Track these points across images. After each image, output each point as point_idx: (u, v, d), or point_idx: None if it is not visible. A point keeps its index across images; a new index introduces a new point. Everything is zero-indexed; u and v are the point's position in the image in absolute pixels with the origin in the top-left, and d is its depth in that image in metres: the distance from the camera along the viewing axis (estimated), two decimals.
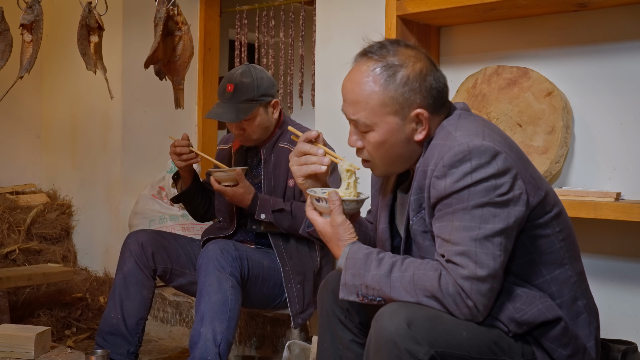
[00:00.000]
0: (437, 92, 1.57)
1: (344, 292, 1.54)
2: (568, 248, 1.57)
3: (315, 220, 1.64)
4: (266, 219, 2.46)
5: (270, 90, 2.57)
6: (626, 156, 2.17)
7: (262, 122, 2.53)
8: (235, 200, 2.47)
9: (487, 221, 1.42)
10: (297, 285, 2.50)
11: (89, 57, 2.35)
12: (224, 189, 2.44)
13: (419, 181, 1.55)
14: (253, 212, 2.48)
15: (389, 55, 1.56)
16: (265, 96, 2.53)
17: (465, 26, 2.51)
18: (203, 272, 2.30)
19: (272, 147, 2.59)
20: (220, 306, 2.25)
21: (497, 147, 1.46)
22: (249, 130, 2.52)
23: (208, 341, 2.21)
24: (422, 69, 1.55)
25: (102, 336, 2.47)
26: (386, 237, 1.73)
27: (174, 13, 2.36)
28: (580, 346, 1.52)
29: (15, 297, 3.31)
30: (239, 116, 2.47)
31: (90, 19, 2.34)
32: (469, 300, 1.41)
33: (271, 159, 2.58)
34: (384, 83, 1.53)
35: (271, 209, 2.46)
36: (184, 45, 2.43)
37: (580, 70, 2.26)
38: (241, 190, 2.44)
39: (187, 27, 2.41)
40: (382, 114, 1.54)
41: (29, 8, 2.29)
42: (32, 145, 4.40)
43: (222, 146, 2.80)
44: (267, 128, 2.57)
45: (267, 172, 2.58)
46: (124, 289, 2.49)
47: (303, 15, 3.77)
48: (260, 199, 2.48)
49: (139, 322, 2.50)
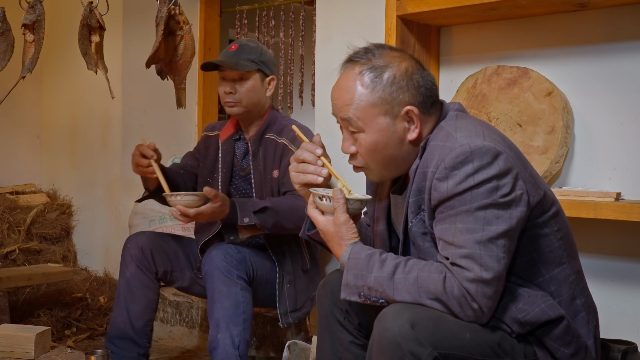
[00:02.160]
0: (426, 90, 1.57)
1: (346, 293, 1.53)
2: (566, 247, 1.57)
3: (317, 219, 1.63)
4: (250, 222, 2.33)
5: (271, 65, 2.55)
6: (626, 156, 2.18)
7: (255, 89, 2.49)
8: (216, 217, 2.32)
9: (490, 223, 1.42)
10: (288, 284, 2.48)
11: (90, 56, 2.35)
12: (200, 212, 2.24)
13: (418, 183, 1.54)
14: (234, 219, 2.33)
15: (374, 58, 1.57)
16: (265, 65, 2.51)
17: (465, 26, 2.51)
18: (210, 279, 2.29)
19: (260, 139, 2.54)
20: (233, 310, 2.26)
21: (498, 147, 1.46)
22: (241, 92, 2.47)
23: (227, 346, 2.23)
24: (407, 67, 1.56)
25: (112, 341, 2.47)
26: (384, 239, 1.73)
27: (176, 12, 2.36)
28: (582, 344, 1.52)
29: (15, 297, 3.31)
30: (237, 66, 2.45)
31: (91, 18, 2.34)
32: (474, 303, 1.41)
33: (259, 151, 2.52)
34: (371, 84, 1.54)
35: (252, 210, 2.33)
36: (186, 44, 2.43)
37: (580, 70, 2.26)
38: (219, 203, 2.26)
39: (188, 26, 2.41)
40: (373, 115, 1.54)
41: (30, 8, 2.29)
42: (32, 145, 4.40)
43: (208, 133, 2.73)
44: (257, 101, 2.51)
45: (257, 165, 2.52)
46: (128, 293, 2.48)
47: (303, 15, 3.77)
48: (239, 203, 2.35)
49: (146, 324, 2.50)
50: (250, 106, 2.51)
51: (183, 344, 3.23)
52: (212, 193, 2.22)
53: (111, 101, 3.42)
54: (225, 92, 2.50)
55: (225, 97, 2.50)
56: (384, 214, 1.73)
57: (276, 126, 2.54)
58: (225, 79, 2.51)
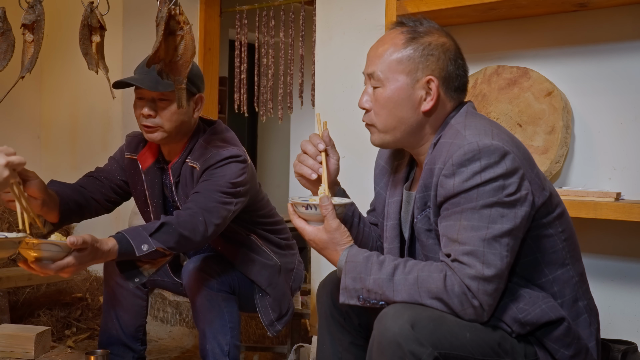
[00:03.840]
0: (455, 70, 1.59)
1: (345, 296, 1.52)
2: (570, 248, 1.57)
3: (304, 229, 1.60)
4: (150, 249, 1.90)
5: (198, 80, 2.19)
6: (626, 156, 2.18)
7: (180, 111, 2.12)
8: (88, 263, 1.80)
9: (495, 221, 1.42)
10: (267, 296, 2.32)
11: (90, 57, 2.35)
12: (61, 266, 1.71)
13: (425, 179, 1.54)
14: (129, 252, 1.88)
15: (421, 25, 1.62)
16: (191, 83, 2.11)
17: (465, 26, 2.51)
18: (191, 293, 2.22)
19: (180, 167, 2.20)
20: (218, 322, 2.20)
21: (506, 147, 1.46)
22: (163, 116, 2.11)
23: (217, 354, 2.20)
24: (445, 42, 1.59)
25: (105, 347, 2.41)
26: (395, 234, 1.71)
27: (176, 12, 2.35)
28: (583, 346, 1.52)
29: (15, 297, 3.31)
30: (157, 87, 2.07)
31: (92, 18, 2.34)
32: (474, 300, 1.41)
33: (179, 181, 2.21)
34: (406, 42, 1.58)
35: (147, 234, 1.91)
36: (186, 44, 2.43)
37: (580, 70, 2.26)
38: (87, 250, 1.76)
39: (189, 26, 2.40)
40: (396, 70, 1.57)
41: (30, 8, 2.29)
42: (32, 145, 4.40)
43: (131, 155, 2.32)
44: (182, 123, 2.15)
45: (180, 197, 2.21)
46: (115, 301, 2.40)
47: (303, 15, 3.77)
48: (128, 232, 1.91)
49: (138, 329, 2.44)
50: (173, 130, 2.14)
51: (183, 344, 3.23)
52: (79, 241, 1.72)
53: (111, 101, 3.42)
54: (144, 115, 2.12)
55: (143, 120, 2.13)
56: (395, 210, 1.72)
57: (196, 149, 2.19)
58: (143, 98, 2.14)
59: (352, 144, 2.78)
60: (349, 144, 2.79)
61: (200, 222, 2.00)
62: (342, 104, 2.86)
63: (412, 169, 1.73)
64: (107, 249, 1.83)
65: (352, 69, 2.74)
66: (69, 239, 1.70)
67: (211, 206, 2.05)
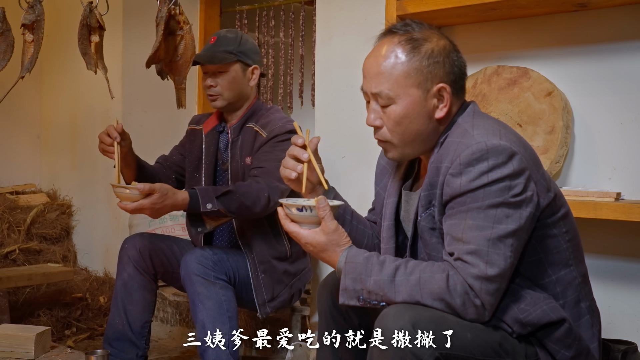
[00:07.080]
0: (459, 70, 1.58)
1: (344, 297, 1.52)
2: (574, 249, 1.57)
3: (299, 234, 1.56)
4: (213, 208, 2.23)
5: (252, 54, 2.50)
6: (626, 156, 2.18)
7: (237, 80, 2.47)
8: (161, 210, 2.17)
9: (500, 221, 1.42)
10: (262, 274, 2.42)
11: (89, 56, 2.35)
12: (138, 207, 2.13)
13: (431, 177, 1.54)
14: (196, 207, 2.23)
15: (413, 31, 1.57)
16: (245, 55, 2.47)
17: (465, 26, 2.51)
18: (188, 283, 2.27)
19: (240, 128, 2.49)
20: (216, 310, 2.23)
21: (513, 147, 1.46)
22: (222, 85, 2.45)
23: (217, 347, 2.21)
24: (445, 45, 1.57)
25: (109, 342, 2.46)
26: (390, 235, 1.71)
27: (176, 12, 2.36)
28: (584, 348, 1.52)
29: (15, 297, 3.31)
30: (213, 60, 2.42)
31: (91, 18, 2.34)
32: (476, 299, 1.41)
33: (238, 140, 2.48)
34: (409, 54, 1.53)
35: (214, 195, 2.24)
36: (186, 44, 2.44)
37: (580, 70, 2.26)
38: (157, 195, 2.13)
39: (188, 26, 2.41)
40: (406, 85, 1.53)
41: (30, 8, 2.29)
42: (32, 145, 4.40)
43: (194, 126, 2.68)
44: (240, 92, 2.49)
45: (234, 154, 2.47)
46: (125, 294, 2.47)
47: (303, 15, 3.77)
48: (200, 190, 2.25)
49: (144, 325, 2.49)
50: (232, 98, 2.48)
51: (183, 343, 3.23)
52: (147, 188, 2.10)
53: (111, 101, 3.42)
54: (207, 86, 2.48)
55: (207, 90, 2.49)
56: (391, 211, 1.72)
57: (258, 116, 2.49)
58: (207, 72, 2.48)
59: (352, 144, 2.78)
60: (349, 144, 2.79)
61: (264, 197, 2.28)
62: (342, 104, 2.86)
63: (413, 169, 1.73)
64: (180, 198, 2.19)
65: (352, 69, 2.74)
66: (138, 185, 2.12)
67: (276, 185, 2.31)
